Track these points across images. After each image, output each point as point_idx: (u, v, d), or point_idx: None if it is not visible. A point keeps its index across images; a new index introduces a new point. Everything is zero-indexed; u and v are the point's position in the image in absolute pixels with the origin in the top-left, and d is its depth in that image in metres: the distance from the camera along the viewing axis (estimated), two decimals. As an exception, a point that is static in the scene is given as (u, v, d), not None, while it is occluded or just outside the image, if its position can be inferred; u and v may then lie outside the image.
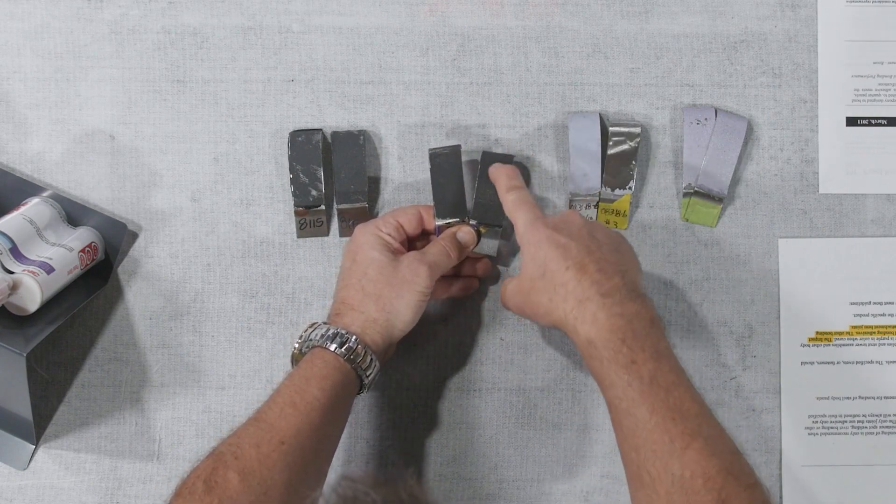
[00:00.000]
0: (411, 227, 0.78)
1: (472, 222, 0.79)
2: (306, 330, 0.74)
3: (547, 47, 0.84)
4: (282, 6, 0.84)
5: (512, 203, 0.75)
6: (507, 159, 0.81)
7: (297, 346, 0.74)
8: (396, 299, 0.73)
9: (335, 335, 0.72)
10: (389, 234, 0.77)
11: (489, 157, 0.81)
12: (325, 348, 0.71)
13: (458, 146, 0.81)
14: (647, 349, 0.67)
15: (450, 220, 0.79)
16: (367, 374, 0.73)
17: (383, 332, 0.73)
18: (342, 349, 0.71)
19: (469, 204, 0.80)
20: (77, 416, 0.83)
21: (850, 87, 0.85)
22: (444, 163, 0.80)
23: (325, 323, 0.74)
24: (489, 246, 0.79)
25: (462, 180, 0.79)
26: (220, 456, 0.66)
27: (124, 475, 0.82)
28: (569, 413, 0.83)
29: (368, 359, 0.72)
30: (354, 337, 0.72)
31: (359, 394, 0.74)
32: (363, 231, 0.77)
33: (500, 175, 0.77)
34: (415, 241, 0.80)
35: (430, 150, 0.81)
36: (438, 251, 0.76)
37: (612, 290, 0.69)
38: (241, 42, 0.84)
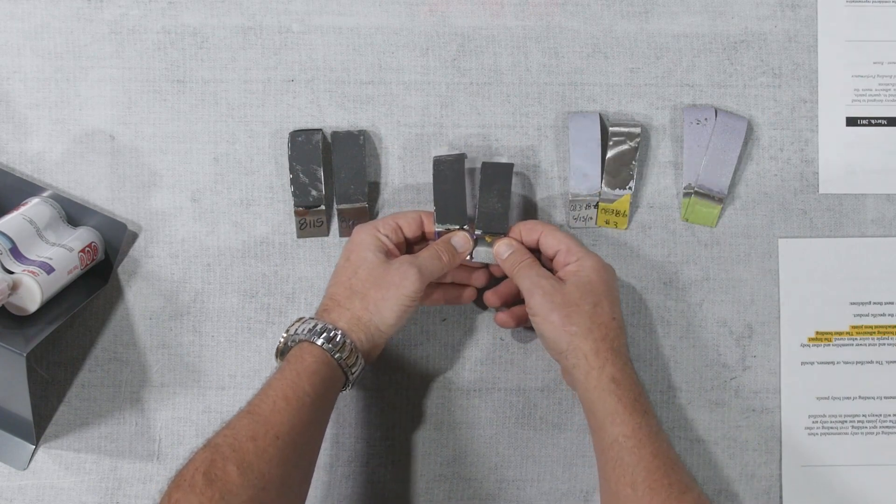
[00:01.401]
0: (410, 231, 0.79)
1: (478, 231, 0.79)
2: (293, 324, 0.74)
3: (547, 47, 0.84)
4: (282, 6, 0.84)
5: (569, 234, 0.80)
6: (507, 168, 0.80)
7: (282, 339, 0.74)
8: (382, 301, 0.74)
9: (322, 330, 0.72)
10: (387, 236, 0.77)
11: (489, 167, 0.80)
12: (313, 343, 0.72)
13: (463, 155, 0.81)
14: (653, 411, 0.73)
15: (449, 227, 0.79)
16: (353, 371, 0.73)
17: (367, 331, 0.74)
18: (329, 345, 0.72)
19: (470, 212, 0.80)
20: (77, 416, 0.83)
21: (850, 87, 0.85)
22: (448, 170, 0.80)
23: (311, 318, 0.74)
24: (493, 255, 0.79)
25: (464, 188, 0.80)
26: (217, 448, 0.66)
27: (124, 475, 0.82)
28: (569, 413, 0.83)
29: (355, 356, 0.73)
30: (341, 333, 0.72)
31: (343, 390, 0.74)
32: (361, 231, 0.77)
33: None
34: (413, 246, 0.80)
35: (435, 157, 0.81)
36: (430, 255, 0.77)
37: (631, 361, 0.75)
38: (241, 42, 0.84)
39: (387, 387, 0.83)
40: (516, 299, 0.81)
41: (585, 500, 0.83)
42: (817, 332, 0.84)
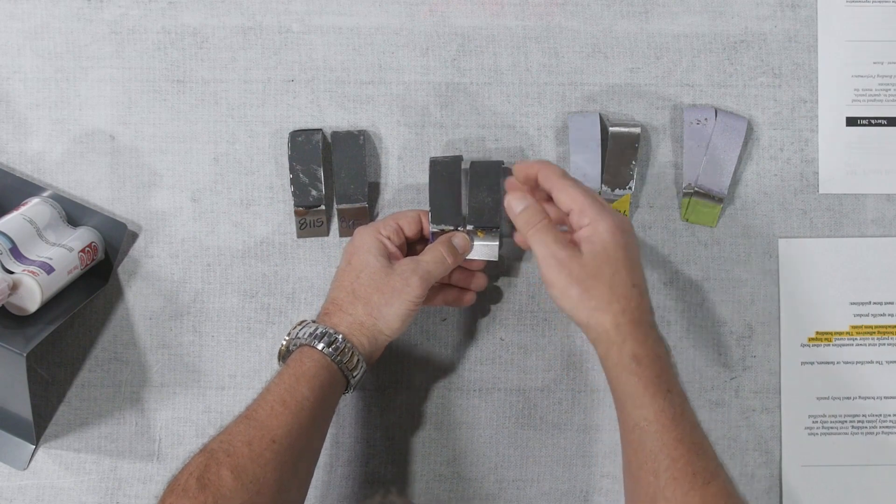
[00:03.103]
0: (411, 230, 0.79)
1: (469, 227, 0.79)
2: (295, 328, 0.74)
3: (547, 47, 0.84)
4: (282, 6, 0.84)
5: (584, 190, 0.73)
6: (495, 165, 0.81)
7: (284, 342, 0.74)
8: (385, 306, 0.73)
9: (323, 334, 0.72)
10: (389, 238, 0.77)
11: (478, 165, 0.81)
12: (314, 347, 0.72)
13: (460, 156, 0.81)
14: (677, 385, 0.70)
15: (444, 227, 0.79)
16: (354, 374, 0.73)
17: (370, 335, 0.73)
18: (330, 349, 0.71)
19: (464, 212, 0.80)
20: (77, 416, 0.83)
21: (850, 87, 0.85)
22: (444, 170, 0.80)
23: (313, 321, 0.74)
24: (490, 250, 0.79)
25: (460, 189, 0.80)
26: (213, 453, 0.66)
27: (124, 475, 0.82)
28: (569, 413, 0.83)
29: (355, 360, 0.72)
30: (342, 337, 0.72)
31: (344, 394, 0.74)
32: (363, 233, 0.77)
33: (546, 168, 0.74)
34: (414, 245, 0.80)
35: (431, 158, 0.81)
36: (434, 258, 0.76)
37: (655, 324, 0.72)
38: (241, 42, 0.84)
39: (387, 387, 0.83)
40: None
41: (585, 500, 0.83)
42: (817, 332, 0.84)
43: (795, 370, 0.84)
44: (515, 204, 0.74)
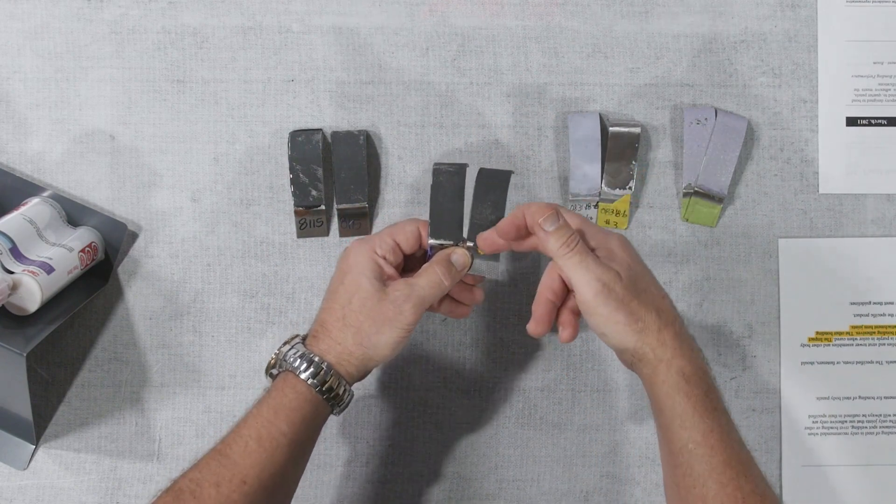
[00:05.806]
0: (409, 247, 0.74)
1: (469, 243, 0.74)
2: (286, 344, 0.71)
3: (547, 47, 0.84)
4: (282, 6, 0.84)
5: (577, 215, 0.71)
6: (504, 176, 0.76)
7: (273, 357, 0.71)
8: (376, 335, 0.70)
9: (310, 364, 0.69)
10: (384, 258, 0.73)
11: (486, 175, 0.76)
12: (297, 376, 0.69)
13: (465, 166, 0.77)
14: (721, 401, 0.68)
15: (443, 242, 0.75)
16: (339, 405, 0.71)
17: (359, 364, 0.70)
18: (315, 380, 0.69)
19: (466, 226, 0.76)
20: (77, 416, 0.83)
21: (850, 87, 0.85)
22: (447, 181, 0.76)
23: (303, 341, 0.71)
24: (489, 267, 0.78)
25: (462, 203, 0.76)
26: (179, 493, 0.64)
27: (124, 475, 0.82)
28: (569, 413, 0.83)
29: (342, 389, 0.70)
30: (327, 365, 0.69)
31: (332, 413, 0.71)
32: (358, 250, 0.73)
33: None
34: (413, 255, 0.76)
35: (436, 164, 0.77)
36: (429, 282, 0.72)
37: (687, 330, 0.70)
38: (241, 42, 0.84)
39: (387, 386, 0.83)
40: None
41: (585, 500, 0.83)
42: (817, 332, 0.84)
43: (795, 370, 0.84)
44: (547, 222, 0.69)
